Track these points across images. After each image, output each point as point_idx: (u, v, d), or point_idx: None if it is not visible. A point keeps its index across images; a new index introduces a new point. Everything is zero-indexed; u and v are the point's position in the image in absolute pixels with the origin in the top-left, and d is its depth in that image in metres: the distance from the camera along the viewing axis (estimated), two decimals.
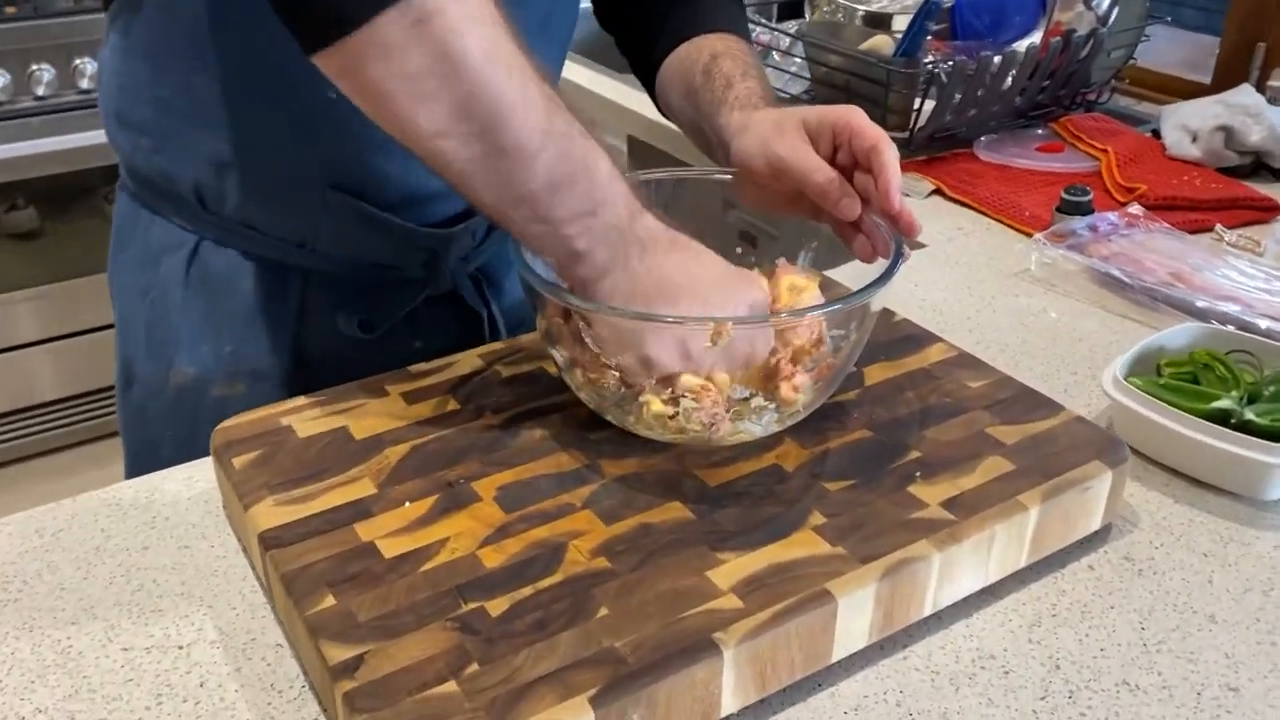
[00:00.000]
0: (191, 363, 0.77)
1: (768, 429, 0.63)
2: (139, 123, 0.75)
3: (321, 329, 0.78)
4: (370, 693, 0.48)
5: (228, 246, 0.76)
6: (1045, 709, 0.54)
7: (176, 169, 0.75)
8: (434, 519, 0.59)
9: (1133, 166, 1.16)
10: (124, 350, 0.82)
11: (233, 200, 0.74)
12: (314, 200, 0.74)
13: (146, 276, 0.78)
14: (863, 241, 0.68)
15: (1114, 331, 0.89)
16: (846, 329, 0.64)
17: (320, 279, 0.77)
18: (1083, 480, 0.62)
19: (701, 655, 0.50)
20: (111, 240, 0.83)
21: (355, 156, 0.73)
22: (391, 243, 0.76)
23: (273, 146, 0.73)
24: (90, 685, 0.55)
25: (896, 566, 0.56)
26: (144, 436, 0.82)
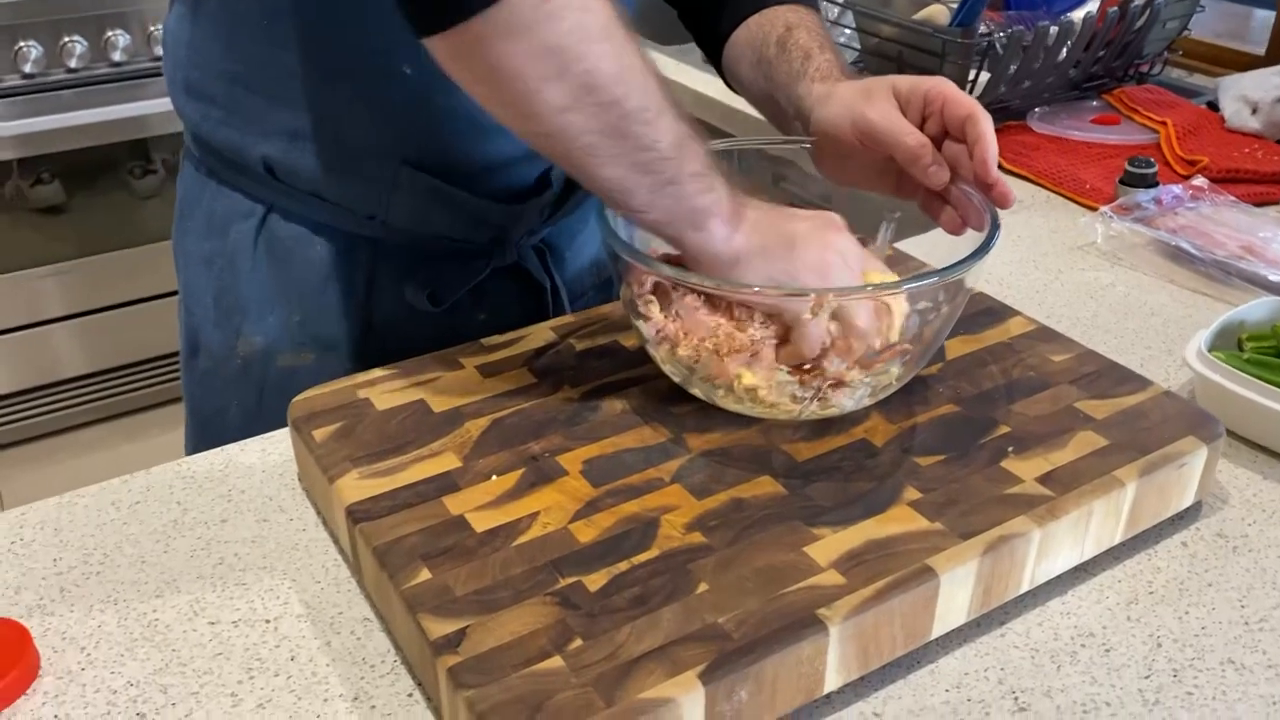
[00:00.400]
0: (259, 332, 0.77)
1: (859, 404, 0.62)
2: (210, 94, 0.74)
3: (389, 300, 0.77)
4: (474, 668, 0.47)
5: (297, 216, 0.75)
6: (1151, 688, 0.53)
7: (247, 140, 0.74)
8: (522, 493, 0.58)
9: (1192, 139, 1.14)
10: (189, 319, 0.81)
11: (304, 172, 0.73)
12: (386, 174, 0.73)
13: (212, 245, 0.77)
14: (950, 213, 0.67)
15: (1185, 306, 0.87)
16: (936, 302, 0.63)
17: (389, 250, 0.76)
18: (1178, 456, 0.61)
19: (807, 632, 0.49)
20: (176, 209, 0.82)
21: (428, 132, 0.72)
22: (462, 217, 0.75)
23: (346, 121, 0.72)
24: (180, 659, 0.55)
25: (997, 543, 0.55)
26: (210, 405, 0.81)
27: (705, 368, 0.61)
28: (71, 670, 0.54)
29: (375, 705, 0.52)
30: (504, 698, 0.46)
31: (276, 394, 0.69)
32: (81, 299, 2.09)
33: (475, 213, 0.75)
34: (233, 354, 0.78)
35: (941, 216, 0.68)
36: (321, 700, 0.52)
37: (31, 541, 0.62)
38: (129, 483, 0.67)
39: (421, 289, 0.76)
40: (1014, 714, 0.52)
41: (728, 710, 0.48)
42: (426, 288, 0.77)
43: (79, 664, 0.54)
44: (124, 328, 2.13)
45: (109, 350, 2.16)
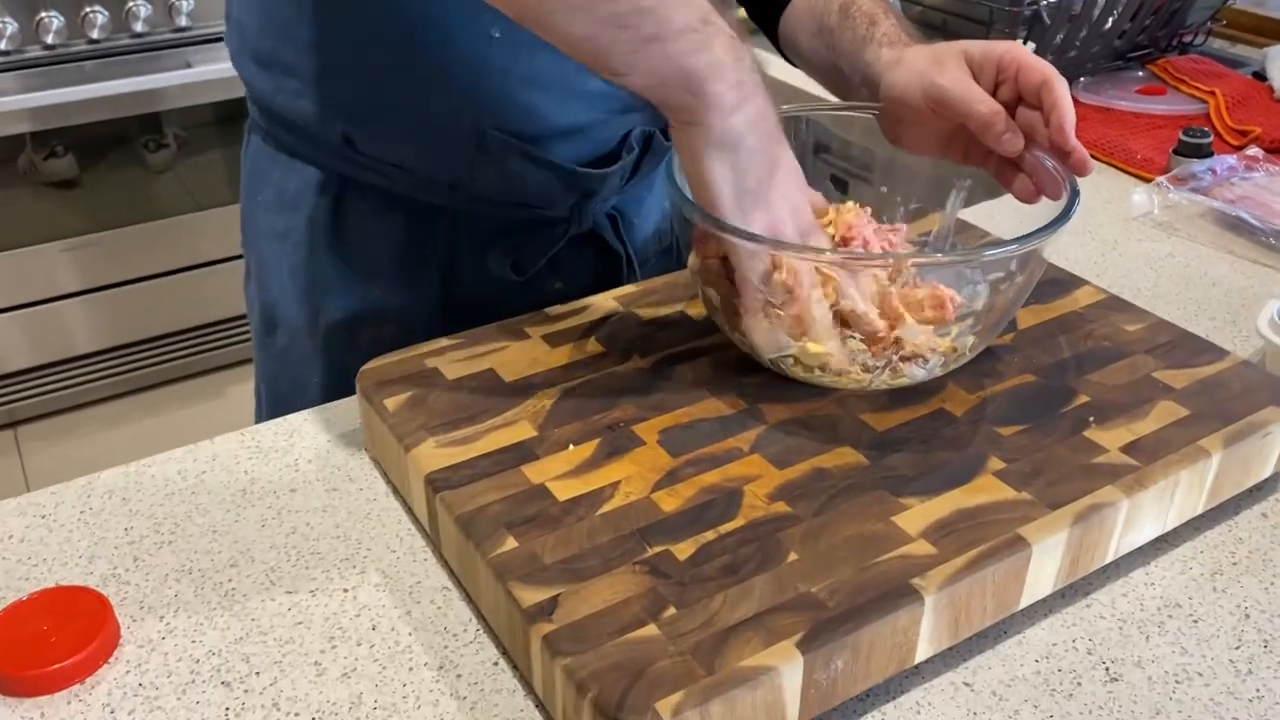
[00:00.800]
0: (339, 307, 0.76)
1: (930, 374, 0.62)
2: (285, 64, 0.72)
3: (469, 271, 0.76)
4: (569, 635, 0.47)
5: (374, 188, 0.74)
6: (1242, 659, 0.53)
7: (324, 110, 0.72)
8: (600, 462, 0.57)
9: (1241, 109, 1.13)
10: (263, 296, 0.80)
11: (385, 142, 0.72)
12: (469, 142, 0.71)
13: (286, 220, 0.76)
14: (1024, 181, 0.66)
15: (1246, 276, 0.87)
16: (1009, 271, 0.62)
17: (469, 221, 0.75)
18: (1262, 426, 0.60)
19: (903, 601, 0.49)
20: (244, 185, 0.81)
21: (514, 96, 0.70)
22: (544, 182, 0.74)
23: (431, 87, 0.70)
24: (260, 628, 0.54)
25: (1087, 512, 0.54)
26: (289, 380, 0.80)
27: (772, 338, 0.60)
28: (152, 639, 0.54)
29: (461, 674, 0.52)
30: (601, 665, 0.45)
31: (357, 367, 0.68)
32: (97, 274, 2.08)
33: (559, 178, 0.74)
34: (314, 329, 0.77)
35: (1014, 184, 0.67)
36: (407, 669, 0.52)
37: (101, 510, 0.62)
38: (194, 451, 0.66)
39: (504, 258, 0.76)
40: (1106, 684, 0.51)
41: (824, 679, 0.48)
42: (509, 257, 0.76)
43: (159, 633, 0.54)
44: (140, 303, 2.13)
45: (126, 326, 2.15)
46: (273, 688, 0.51)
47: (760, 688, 0.45)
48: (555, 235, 0.77)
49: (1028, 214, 0.65)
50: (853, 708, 0.50)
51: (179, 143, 2.08)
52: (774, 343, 0.60)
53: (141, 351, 2.22)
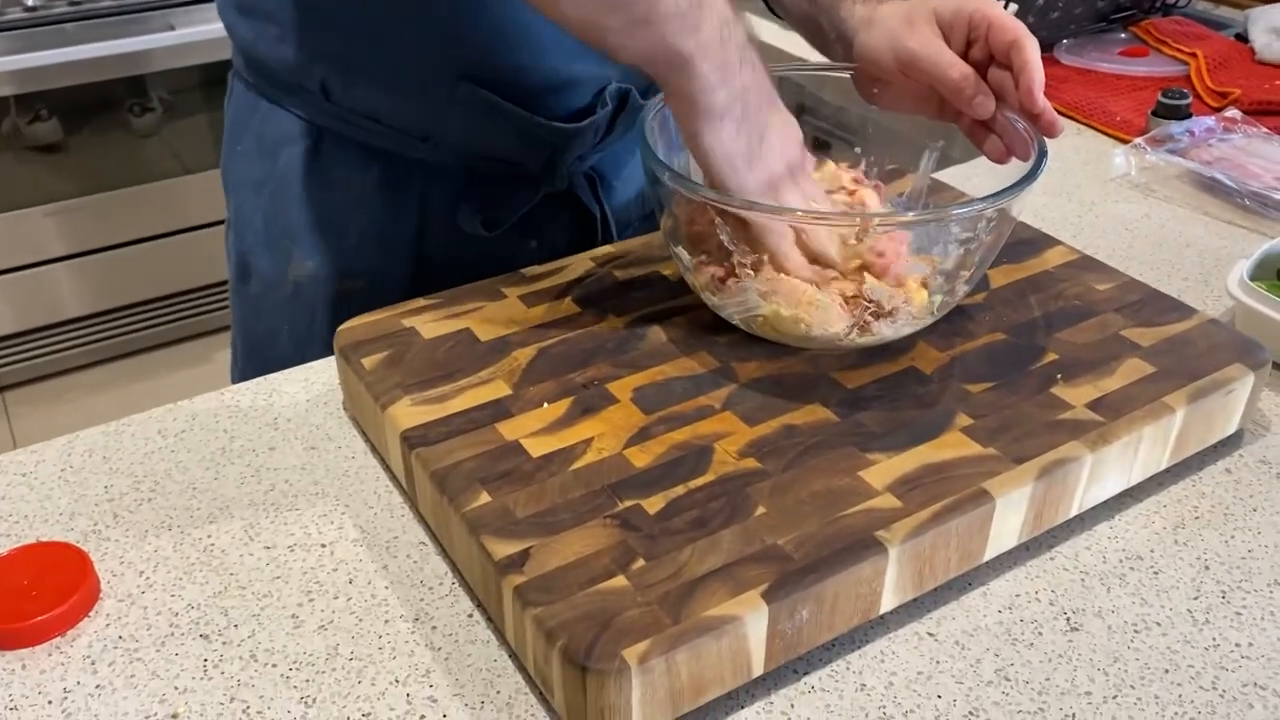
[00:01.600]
0: (311, 257, 0.76)
1: (899, 333, 0.62)
2: (265, 10, 0.72)
3: (442, 226, 0.77)
4: (540, 586, 0.48)
5: (349, 139, 0.74)
6: (1200, 609, 0.54)
7: (302, 58, 0.72)
8: (574, 420, 0.58)
9: (1223, 71, 1.13)
10: (239, 244, 0.81)
11: (359, 91, 0.72)
12: (443, 92, 0.71)
13: (263, 168, 0.76)
14: (995, 141, 0.66)
15: (1220, 237, 0.87)
16: (975, 231, 0.62)
17: (442, 175, 0.76)
18: (1226, 383, 0.61)
19: (867, 553, 0.50)
20: (225, 132, 0.81)
21: (488, 47, 0.70)
22: (517, 136, 0.74)
23: (404, 37, 0.70)
24: (239, 582, 0.55)
25: (1051, 467, 0.55)
26: (261, 330, 0.81)
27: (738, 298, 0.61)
28: (132, 593, 0.55)
29: (436, 626, 0.53)
30: (571, 615, 0.46)
31: (328, 319, 0.69)
32: (83, 238, 2.08)
33: (531, 132, 0.74)
34: (284, 279, 0.78)
35: (986, 144, 0.67)
36: (383, 621, 0.53)
37: (81, 469, 0.62)
38: (174, 411, 0.67)
39: (475, 214, 0.76)
40: (1066, 633, 0.53)
41: (789, 629, 0.49)
42: (480, 213, 0.76)
43: (139, 587, 0.55)
44: (126, 267, 2.12)
45: (112, 290, 2.15)
46: (250, 640, 0.52)
47: (725, 636, 0.46)
48: (529, 193, 0.77)
49: (1003, 174, 0.66)
50: (818, 657, 0.51)
51: (164, 106, 2.07)
52: (744, 303, 0.61)
53: (128, 316, 2.22)
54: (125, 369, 2.24)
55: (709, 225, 0.61)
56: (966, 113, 0.66)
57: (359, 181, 0.75)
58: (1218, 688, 0.50)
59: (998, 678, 0.50)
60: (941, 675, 0.51)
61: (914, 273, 0.61)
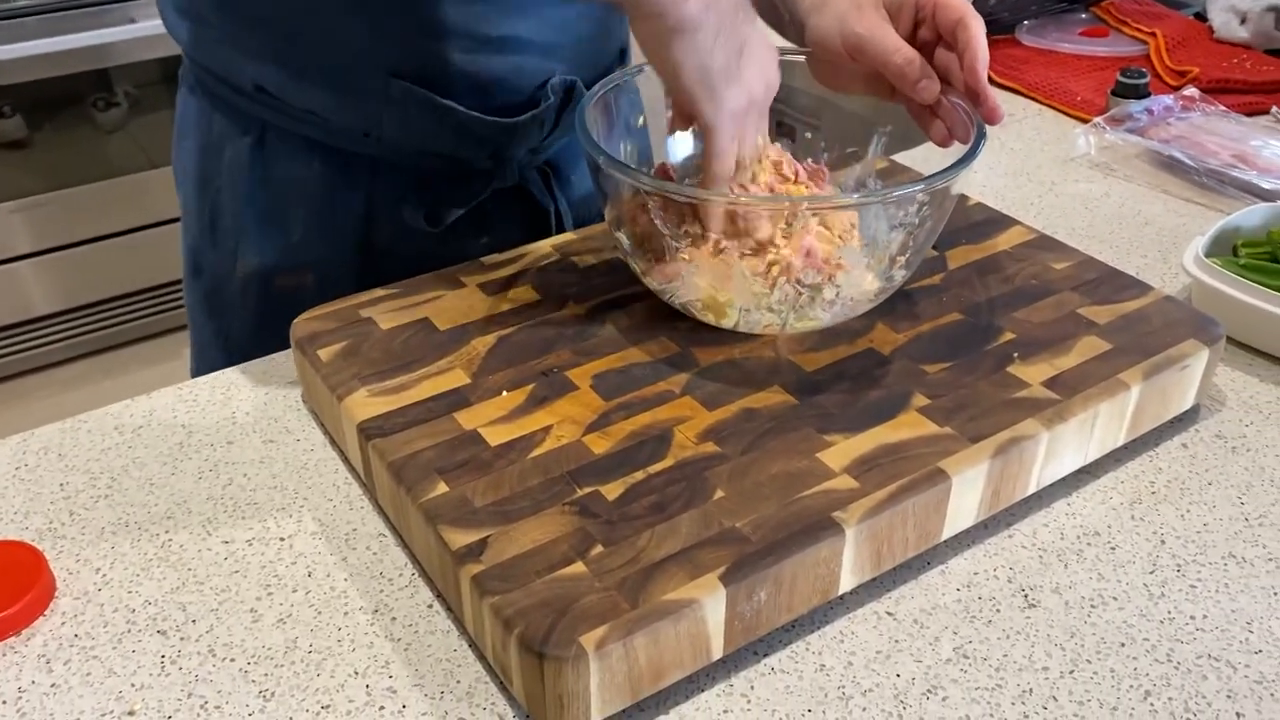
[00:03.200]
0: (257, 253, 0.76)
1: (837, 317, 0.62)
2: (200, 13, 0.72)
3: (389, 221, 0.76)
4: (498, 575, 0.48)
5: (292, 136, 0.73)
6: (1155, 582, 0.55)
7: (239, 58, 0.72)
8: (533, 407, 0.58)
9: (1181, 50, 1.14)
10: (188, 240, 0.80)
11: (295, 89, 0.71)
12: (377, 89, 0.71)
13: (209, 164, 0.76)
14: (939, 125, 0.66)
15: (1179, 215, 0.88)
16: (911, 215, 0.62)
17: (387, 170, 0.75)
18: (1181, 359, 0.62)
19: (824, 534, 0.50)
20: (174, 130, 0.80)
21: (417, 44, 0.70)
22: (456, 133, 0.74)
23: (336, 34, 0.70)
24: (196, 577, 0.55)
25: (1007, 445, 0.55)
26: (211, 326, 0.81)
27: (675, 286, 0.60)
28: (88, 591, 0.54)
29: (396, 617, 0.53)
30: (529, 602, 0.46)
31: (276, 316, 0.68)
32: (50, 235, 2.05)
33: (471, 128, 0.74)
34: (232, 275, 0.77)
35: (931, 128, 0.67)
36: (342, 614, 0.53)
37: (36, 467, 0.62)
38: (130, 407, 0.66)
39: (419, 209, 0.75)
40: (1024, 610, 0.53)
41: (747, 610, 0.49)
42: (424, 208, 0.75)
43: (95, 585, 0.54)
44: (95, 263, 2.10)
45: (81, 287, 2.13)
46: (209, 635, 0.52)
47: (684, 620, 0.47)
48: (478, 187, 0.77)
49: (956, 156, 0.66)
50: (778, 638, 0.52)
51: (130, 100, 2.05)
52: (680, 287, 0.61)
53: (98, 312, 2.19)
54: (96, 365, 2.21)
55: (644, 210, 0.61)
56: (912, 97, 0.65)
57: (303, 177, 0.74)
58: (1172, 660, 0.51)
59: (956, 655, 0.51)
60: (900, 654, 0.51)
61: (848, 256, 0.61)
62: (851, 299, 0.61)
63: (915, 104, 0.67)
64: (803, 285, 0.59)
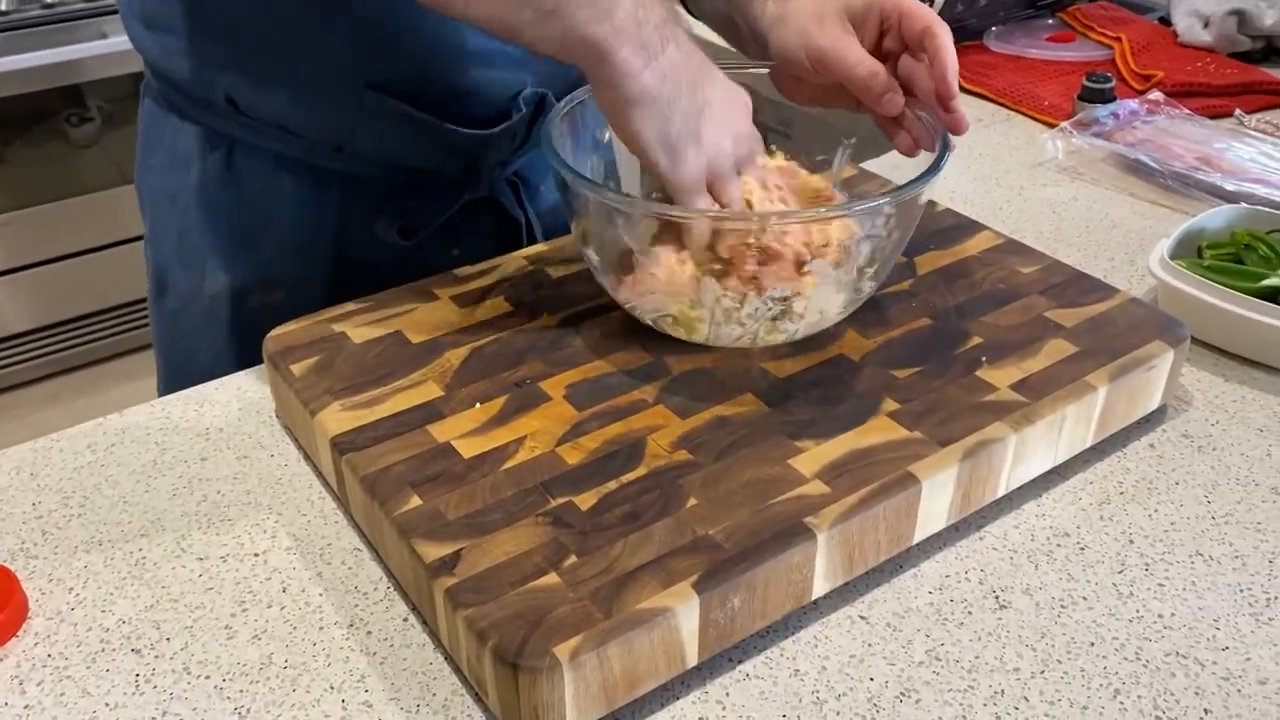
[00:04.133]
0: (227, 270, 0.75)
1: (807, 331, 0.62)
2: (168, 23, 0.71)
3: (360, 236, 0.76)
4: (471, 587, 0.48)
5: (262, 150, 0.73)
6: (1124, 581, 0.55)
7: (208, 72, 0.71)
8: (507, 419, 0.58)
9: (1146, 54, 1.15)
10: (155, 258, 0.80)
11: (267, 102, 0.71)
12: (351, 100, 0.71)
13: (176, 181, 0.75)
14: (904, 136, 0.66)
15: (1145, 217, 0.89)
16: (889, 228, 0.62)
17: (358, 184, 0.75)
18: (1146, 360, 0.62)
19: (796, 540, 0.50)
20: (138, 146, 0.80)
21: (391, 55, 0.70)
22: (430, 144, 0.74)
23: (308, 45, 0.70)
24: (170, 595, 0.55)
25: (975, 448, 0.56)
26: (179, 346, 0.80)
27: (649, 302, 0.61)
28: (61, 610, 0.54)
29: (371, 631, 0.53)
30: (503, 614, 0.47)
31: (247, 334, 0.68)
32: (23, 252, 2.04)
33: (445, 139, 0.74)
34: (201, 293, 0.77)
35: (897, 139, 0.67)
36: (317, 629, 0.53)
37: (8, 487, 0.62)
38: (103, 425, 0.66)
39: (392, 223, 0.75)
40: (995, 611, 0.54)
41: (721, 618, 0.49)
42: (397, 221, 0.76)
43: (68, 604, 0.54)
44: (69, 280, 2.09)
45: (55, 304, 2.11)
46: (183, 652, 0.52)
47: (657, 629, 0.47)
48: (449, 200, 0.77)
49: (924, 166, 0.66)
50: (752, 645, 0.52)
51: (103, 115, 2.04)
52: (649, 302, 0.61)
53: (72, 330, 2.18)
54: (71, 384, 2.20)
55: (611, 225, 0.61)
56: (876, 110, 0.66)
57: (273, 192, 0.74)
58: (1141, 658, 0.51)
59: (929, 658, 0.51)
60: (874, 657, 0.51)
61: (817, 269, 0.60)
62: (821, 311, 0.61)
63: (881, 115, 0.68)
64: (773, 299, 0.60)
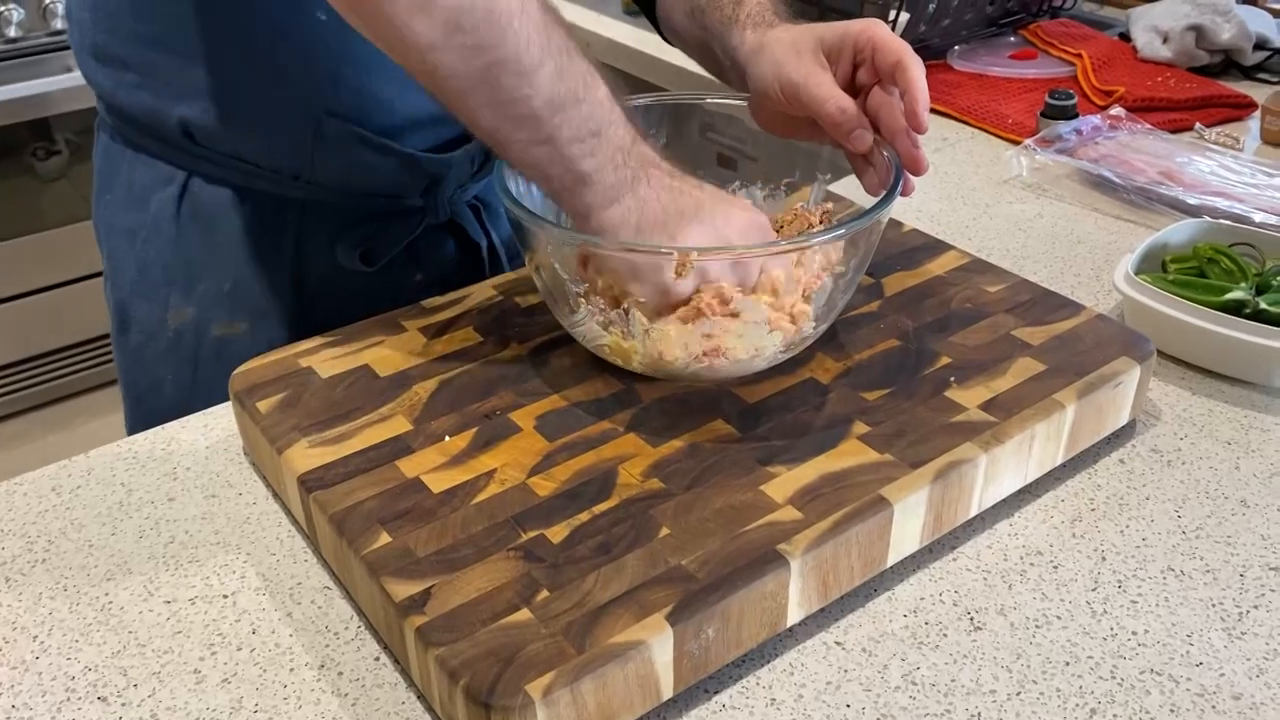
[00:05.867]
0: (189, 302, 0.75)
1: (773, 360, 0.62)
2: (121, 58, 0.71)
3: (321, 263, 0.76)
4: (442, 626, 0.47)
5: (219, 181, 0.73)
6: (1098, 599, 0.55)
7: (163, 104, 0.71)
8: (476, 452, 0.58)
9: (1107, 70, 1.17)
10: (116, 294, 0.79)
11: (223, 133, 0.71)
12: (307, 129, 0.71)
13: (134, 217, 0.75)
14: (871, 174, 0.67)
15: (1110, 232, 0.90)
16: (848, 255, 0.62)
17: (317, 211, 0.75)
18: (1113, 376, 0.63)
19: (769, 567, 0.50)
20: (94, 182, 0.79)
21: (349, 81, 0.70)
22: (389, 170, 0.74)
23: (263, 75, 0.70)
24: (138, 640, 0.54)
25: (946, 469, 0.56)
26: (144, 381, 0.79)
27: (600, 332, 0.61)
28: (25, 660, 0.53)
29: (343, 671, 0.52)
30: (474, 652, 0.46)
31: (212, 365, 0.67)
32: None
33: (403, 164, 0.74)
34: (164, 327, 0.76)
35: (864, 176, 0.67)
36: (288, 670, 0.52)
37: None
38: (68, 467, 0.65)
39: (353, 249, 0.75)
40: (970, 633, 0.54)
41: (696, 649, 0.49)
42: (358, 247, 0.75)
43: (32, 653, 0.53)
44: (38, 316, 2.07)
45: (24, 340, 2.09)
46: (151, 699, 0.51)
47: (631, 662, 0.46)
48: (410, 225, 0.77)
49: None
50: (728, 674, 0.52)
51: (70, 148, 2.03)
52: (591, 332, 0.61)
53: (41, 366, 2.15)
54: (39, 421, 2.17)
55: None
56: (845, 146, 0.66)
57: (231, 223, 0.74)
58: (1116, 676, 0.51)
59: (905, 682, 0.51)
60: (850, 684, 0.51)
61: (743, 308, 0.58)
62: (756, 349, 0.60)
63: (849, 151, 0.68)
64: (702, 335, 0.59)
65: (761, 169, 0.76)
